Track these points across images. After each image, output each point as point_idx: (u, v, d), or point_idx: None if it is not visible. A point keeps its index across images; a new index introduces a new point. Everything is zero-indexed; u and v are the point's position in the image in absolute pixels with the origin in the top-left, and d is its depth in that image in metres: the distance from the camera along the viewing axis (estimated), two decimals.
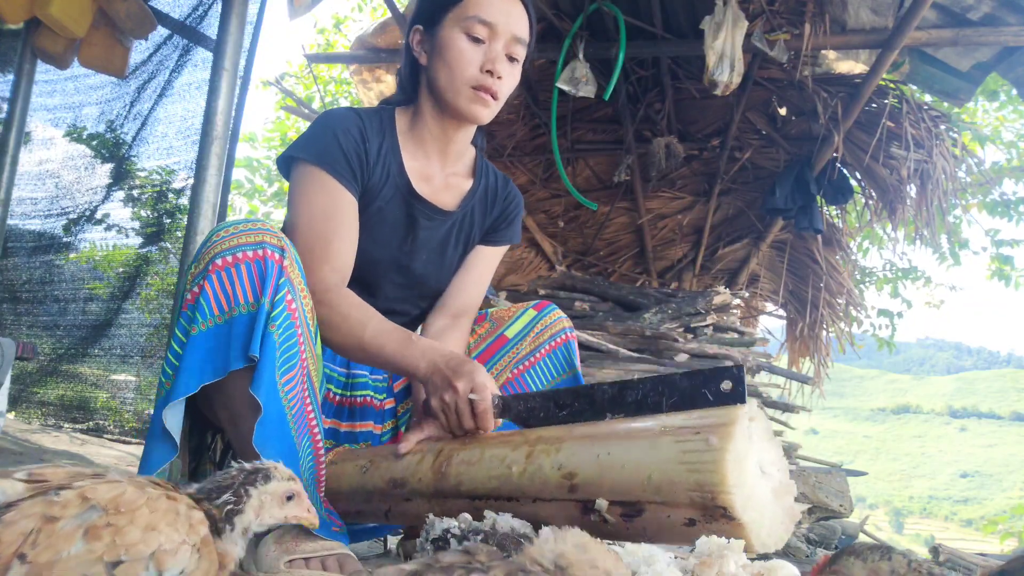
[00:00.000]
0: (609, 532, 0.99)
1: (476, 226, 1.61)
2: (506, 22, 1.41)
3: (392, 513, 1.28)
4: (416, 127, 1.52)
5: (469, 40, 1.40)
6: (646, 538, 0.97)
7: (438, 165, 1.55)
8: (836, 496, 3.04)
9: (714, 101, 4.83)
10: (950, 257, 8.01)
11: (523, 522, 1.02)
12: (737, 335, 4.24)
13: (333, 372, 1.54)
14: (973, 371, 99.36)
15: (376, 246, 1.48)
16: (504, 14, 1.41)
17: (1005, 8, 3.53)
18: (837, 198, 4.87)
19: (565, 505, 1.02)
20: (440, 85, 1.43)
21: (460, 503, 1.15)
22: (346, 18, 10.10)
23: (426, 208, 1.51)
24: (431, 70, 1.45)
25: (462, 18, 1.40)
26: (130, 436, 3.81)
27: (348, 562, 1.18)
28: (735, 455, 0.87)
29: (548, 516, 1.04)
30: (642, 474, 0.93)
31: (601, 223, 6.06)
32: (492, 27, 1.40)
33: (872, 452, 70.67)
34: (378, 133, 1.47)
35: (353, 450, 1.42)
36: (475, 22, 1.39)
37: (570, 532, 0.79)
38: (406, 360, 1.28)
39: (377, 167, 1.46)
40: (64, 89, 4.03)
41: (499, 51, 1.41)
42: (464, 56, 1.39)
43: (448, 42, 1.41)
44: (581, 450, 1.02)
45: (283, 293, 1.16)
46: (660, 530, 0.94)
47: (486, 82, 1.40)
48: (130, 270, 3.91)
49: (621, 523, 0.97)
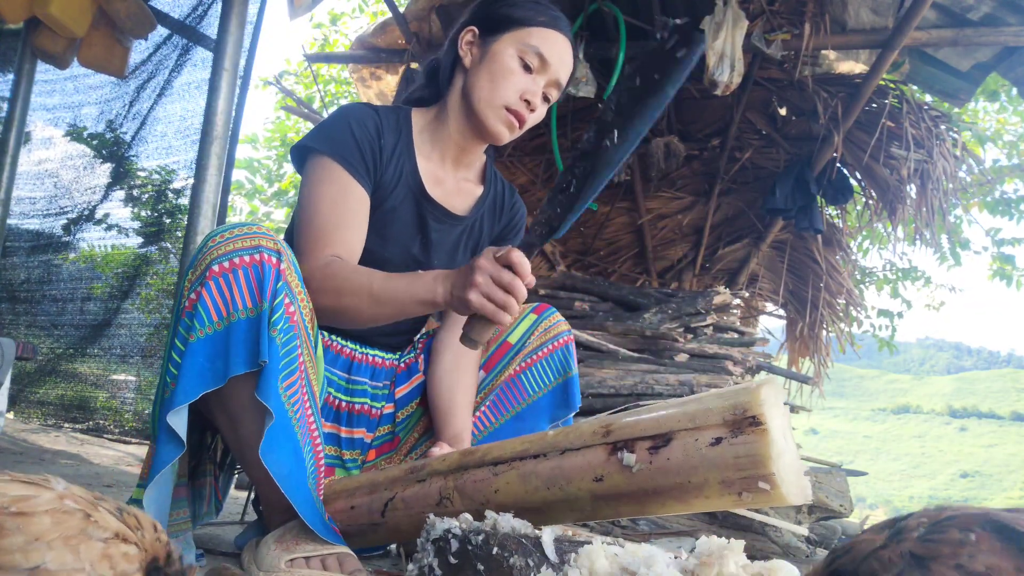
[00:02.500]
0: (627, 483, 1.00)
1: (485, 234, 1.61)
2: (558, 66, 1.45)
3: (393, 504, 1.23)
4: (435, 128, 1.52)
5: (521, 64, 1.42)
6: (665, 475, 0.97)
7: (451, 169, 1.55)
8: (836, 496, 3.03)
9: (714, 101, 4.83)
10: (951, 257, 8.01)
11: (524, 522, 1.02)
12: (737, 335, 4.24)
13: (334, 376, 1.54)
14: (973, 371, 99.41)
15: (386, 245, 1.48)
16: (559, 58, 1.44)
17: (1005, 8, 3.53)
18: (837, 198, 4.86)
19: (594, 452, 1.03)
20: (476, 94, 1.44)
21: (479, 472, 1.14)
22: (343, 14, 10.10)
23: (437, 211, 1.51)
24: (472, 75, 1.45)
25: (522, 42, 1.42)
26: (130, 436, 3.81)
27: (348, 561, 1.18)
28: (770, 388, 0.95)
29: (572, 467, 1.04)
30: (679, 412, 0.99)
31: (601, 223, 6.05)
32: (545, 64, 1.43)
33: (872, 452, 70.69)
34: (394, 131, 1.48)
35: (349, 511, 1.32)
36: (533, 52, 1.42)
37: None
38: (421, 289, 1.24)
39: (391, 165, 1.46)
40: (64, 89, 4.03)
41: (540, 87, 1.44)
42: (512, 77, 1.42)
43: (501, 58, 1.42)
44: (625, 415, 1.06)
45: (281, 297, 1.16)
46: (684, 457, 0.96)
47: (520, 109, 1.43)
48: (130, 270, 3.91)
49: (646, 457, 0.98)
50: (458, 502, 1.15)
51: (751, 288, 5.96)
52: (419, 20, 4.28)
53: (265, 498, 1.28)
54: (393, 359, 1.61)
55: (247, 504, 1.78)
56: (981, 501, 54.36)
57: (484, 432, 1.58)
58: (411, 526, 1.18)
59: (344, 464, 1.53)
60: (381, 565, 1.45)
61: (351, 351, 1.54)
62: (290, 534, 1.20)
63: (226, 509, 1.64)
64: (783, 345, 6.06)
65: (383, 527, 1.23)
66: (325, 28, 10.04)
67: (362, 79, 4.85)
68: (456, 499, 1.15)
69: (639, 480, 0.99)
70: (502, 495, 1.10)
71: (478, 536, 0.95)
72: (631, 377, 3.49)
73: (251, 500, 1.64)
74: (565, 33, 1.47)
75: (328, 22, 10.08)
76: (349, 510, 1.27)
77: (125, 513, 0.66)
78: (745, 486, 0.92)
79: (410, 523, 1.19)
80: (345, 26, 10.13)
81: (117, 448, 3.53)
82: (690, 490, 0.96)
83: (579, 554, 0.89)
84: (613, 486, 1.01)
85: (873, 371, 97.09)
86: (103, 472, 2.68)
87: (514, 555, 0.92)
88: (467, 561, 0.95)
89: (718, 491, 0.94)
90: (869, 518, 5.27)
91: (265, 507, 1.31)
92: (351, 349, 1.54)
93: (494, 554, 0.93)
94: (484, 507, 1.10)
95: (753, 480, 0.91)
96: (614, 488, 1.01)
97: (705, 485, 0.95)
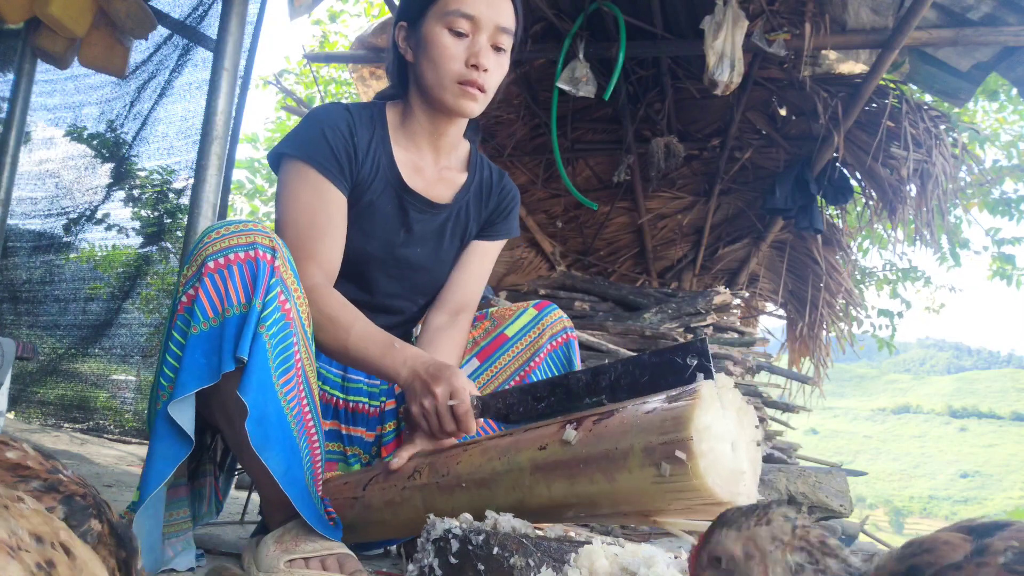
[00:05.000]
0: (563, 452, 1.05)
1: (472, 220, 1.60)
2: (488, 13, 1.38)
3: (375, 480, 1.31)
4: (407, 121, 1.51)
5: (452, 35, 1.38)
6: (598, 441, 1.02)
7: (430, 158, 1.54)
8: (836, 496, 3.03)
9: (714, 101, 4.83)
10: (950, 258, 8.01)
11: (524, 522, 1.02)
12: (737, 335, 4.24)
13: (329, 374, 1.54)
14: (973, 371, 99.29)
15: (368, 240, 1.47)
16: (486, 5, 1.38)
17: (1005, 8, 3.53)
18: (837, 198, 4.87)
19: (549, 427, 1.11)
20: (426, 82, 1.42)
21: (453, 449, 1.22)
22: (341, 12, 10.08)
23: (417, 201, 1.50)
24: (417, 67, 1.44)
25: (443, 13, 1.38)
26: (130, 436, 3.81)
27: (348, 561, 1.18)
28: (725, 382, 1.00)
29: (525, 439, 1.12)
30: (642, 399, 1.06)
31: (601, 223, 6.05)
32: (474, 20, 1.38)
33: (872, 452, 70.64)
34: (368, 127, 1.47)
35: (340, 485, 1.39)
36: (456, 16, 1.37)
37: None
38: (388, 366, 1.28)
39: (367, 161, 1.45)
40: (64, 89, 4.03)
41: (483, 43, 1.39)
42: (447, 51, 1.38)
43: (431, 38, 1.39)
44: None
45: (275, 293, 1.16)
46: (619, 424, 1.02)
47: (471, 76, 1.38)
48: (130, 270, 3.92)
49: (588, 427, 1.05)
50: (426, 474, 1.20)
51: (751, 288, 5.96)
52: None
53: (264, 495, 1.28)
54: None
55: (247, 504, 1.78)
56: (981, 501, 54.38)
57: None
58: (381, 501, 1.25)
59: (347, 460, 1.53)
60: (381, 565, 1.45)
61: None
62: (289, 535, 1.20)
63: (226, 509, 1.64)
64: (783, 345, 6.06)
65: (360, 501, 1.28)
66: (324, 26, 10.03)
67: (362, 78, 4.86)
68: (425, 471, 1.21)
69: (574, 449, 1.04)
70: (462, 466, 1.16)
71: (478, 536, 0.95)
72: None
73: (249, 500, 1.64)
74: None
75: (328, 20, 10.06)
76: (343, 485, 1.34)
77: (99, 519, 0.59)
78: (665, 453, 0.94)
79: (381, 497, 1.25)
80: (345, 24, 10.11)
81: (118, 448, 3.53)
82: (616, 459, 0.99)
83: (579, 554, 0.89)
84: (552, 454, 1.06)
85: (873, 371, 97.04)
86: (103, 472, 2.68)
87: (514, 555, 0.92)
88: (467, 561, 0.95)
89: (640, 460, 0.96)
90: (869, 518, 5.27)
91: (264, 505, 1.31)
92: None
93: (494, 554, 0.93)
94: (444, 479, 1.17)
95: (672, 446, 0.93)
96: (552, 456, 1.06)
97: (630, 453, 0.97)
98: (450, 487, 1.16)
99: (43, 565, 0.45)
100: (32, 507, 0.51)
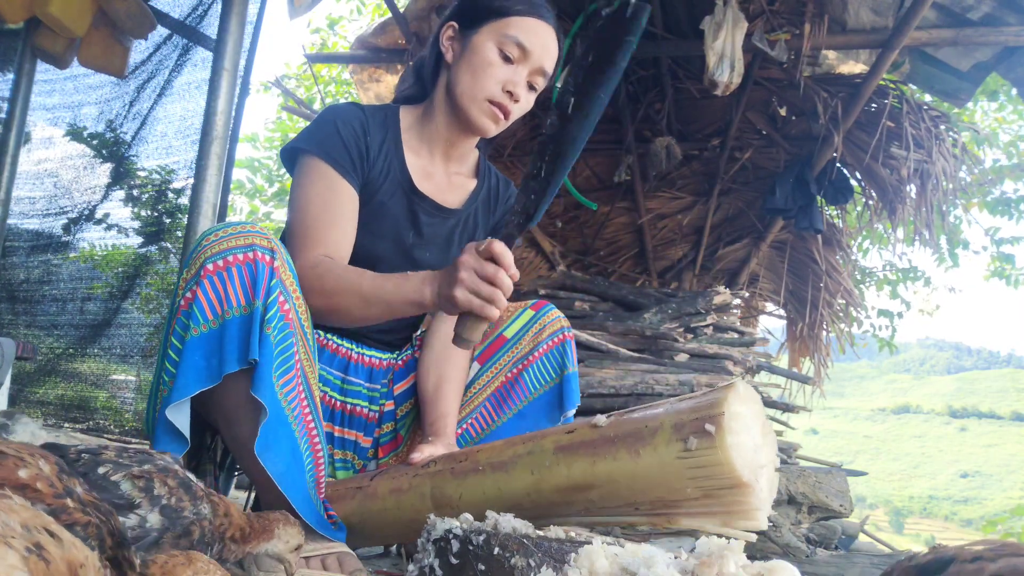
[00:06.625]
0: (592, 433, 1.06)
1: (479, 227, 1.61)
2: (540, 53, 1.43)
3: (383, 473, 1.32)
4: (423, 124, 1.52)
5: (501, 56, 1.41)
6: (626, 423, 1.03)
7: (441, 164, 1.55)
8: (836, 496, 3.03)
9: (714, 101, 4.83)
10: (949, 259, 8.01)
11: (525, 522, 1.02)
12: (737, 335, 4.24)
13: (329, 375, 1.54)
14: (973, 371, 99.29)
15: (377, 241, 1.48)
16: (541, 45, 1.43)
17: (1005, 8, 3.53)
18: (837, 198, 4.87)
19: (579, 424, 1.11)
20: (459, 88, 1.44)
21: (467, 448, 1.24)
22: (340, 18, 10.10)
23: (428, 205, 1.51)
24: (455, 70, 1.45)
25: (501, 33, 1.41)
26: (130, 436, 3.81)
27: (348, 560, 1.18)
28: (748, 390, 1.01)
29: (553, 430, 1.13)
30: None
31: (601, 223, 6.06)
32: (526, 52, 1.42)
33: (872, 452, 70.66)
34: (381, 128, 1.48)
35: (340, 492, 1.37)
36: (512, 42, 1.41)
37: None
38: (409, 290, 1.24)
39: (378, 161, 1.46)
40: (63, 88, 4.02)
41: (523, 76, 1.43)
42: (492, 69, 1.41)
43: (480, 50, 1.42)
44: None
45: (275, 295, 1.16)
46: (648, 410, 1.03)
47: (503, 100, 1.42)
48: (130, 270, 3.91)
49: (617, 415, 1.06)
50: (441, 463, 1.22)
51: (751, 288, 5.97)
52: (419, 20, 4.28)
53: (263, 496, 1.28)
54: (391, 358, 1.60)
55: (247, 504, 1.78)
56: (981, 501, 54.39)
57: (486, 431, 1.57)
58: (386, 489, 1.25)
59: (332, 463, 1.53)
60: (381, 565, 1.45)
61: (347, 350, 1.54)
62: None
63: None
64: (783, 345, 6.07)
65: (363, 491, 1.29)
66: (324, 33, 10.04)
67: (361, 82, 4.86)
68: (441, 461, 1.22)
69: (602, 430, 1.05)
70: (483, 454, 1.17)
71: (479, 536, 0.95)
72: (631, 377, 3.49)
73: (250, 500, 1.64)
74: (546, 20, 1.46)
75: (326, 27, 10.07)
76: (345, 481, 1.35)
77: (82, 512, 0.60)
78: (694, 428, 0.95)
79: (387, 485, 1.25)
80: (343, 29, 10.12)
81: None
82: (643, 436, 1.00)
83: (579, 554, 0.89)
84: (579, 436, 1.07)
85: (873, 371, 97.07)
86: None
87: (515, 555, 0.92)
88: (468, 561, 0.95)
89: (667, 436, 0.98)
90: (869, 518, 5.28)
91: (264, 506, 1.31)
92: (347, 348, 1.54)
93: (495, 554, 0.93)
94: (460, 464, 1.17)
95: (702, 421, 0.95)
96: (578, 437, 1.07)
97: (659, 430, 0.99)
98: (464, 472, 1.16)
99: (32, 548, 0.48)
100: (20, 502, 0.53)
